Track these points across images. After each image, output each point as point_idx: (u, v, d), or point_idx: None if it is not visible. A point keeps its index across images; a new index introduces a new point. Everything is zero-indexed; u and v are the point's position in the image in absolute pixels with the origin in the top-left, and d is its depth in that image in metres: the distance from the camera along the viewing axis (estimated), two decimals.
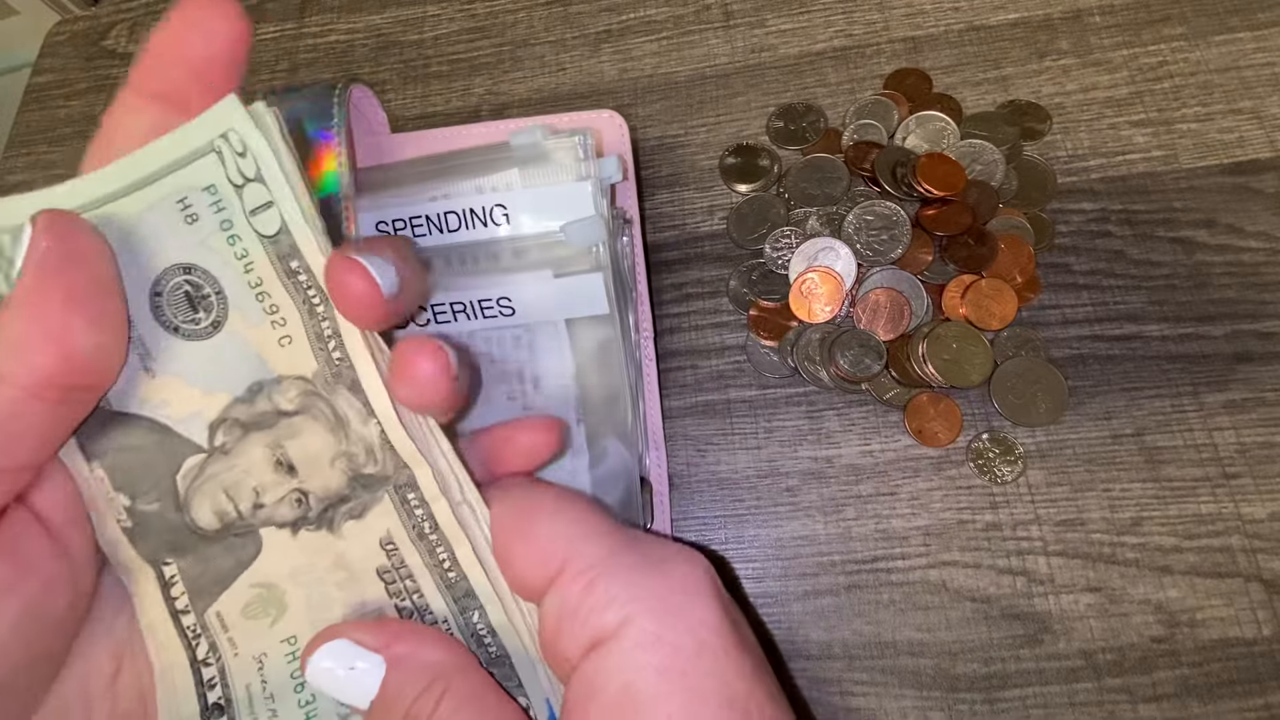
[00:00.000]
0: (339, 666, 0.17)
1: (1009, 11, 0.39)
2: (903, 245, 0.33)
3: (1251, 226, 0.33)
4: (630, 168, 0.32)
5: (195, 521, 0.18)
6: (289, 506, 0.19)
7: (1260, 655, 0.27)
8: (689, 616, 0.17)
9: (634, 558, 0.18)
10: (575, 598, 0.17)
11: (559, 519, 0.19)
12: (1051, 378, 0.31)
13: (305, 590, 0.19)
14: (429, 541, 0.19)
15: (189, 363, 0.18)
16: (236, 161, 0.18)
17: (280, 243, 0.18)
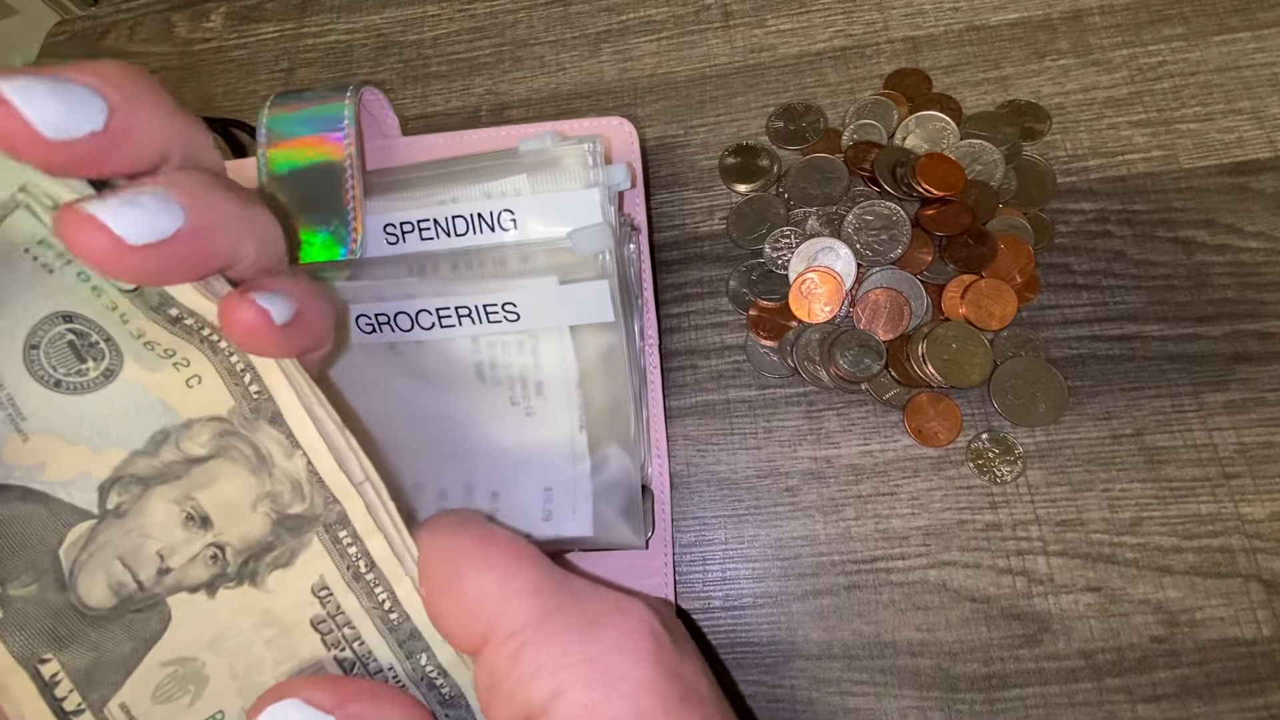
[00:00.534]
0: None
1: (1009, 11, 0.39)
2: (902, 245, 0.33)
3: (1251, 226, 0.33)
4: (639, 175, 0.32)
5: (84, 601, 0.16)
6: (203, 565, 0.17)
7: (1260, 655, 0.27)
8: (624, 682, 0.16)
9: (566, 618, 0.16)
10: (502, 668, 0.16)
11: (486, 574, 0.17)
12: (1051, 378, 0.31)
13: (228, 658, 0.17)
14: (365, 582, 0.17)
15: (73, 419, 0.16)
16: (52, 215, 0.16)
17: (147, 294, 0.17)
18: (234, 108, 0.45)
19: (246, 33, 0.48)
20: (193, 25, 0.49)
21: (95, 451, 0.16)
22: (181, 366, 0.17)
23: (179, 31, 0.49)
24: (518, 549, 0.17)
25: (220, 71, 0.46)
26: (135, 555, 0.16)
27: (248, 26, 0.48)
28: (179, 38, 0.48)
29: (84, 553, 0.16)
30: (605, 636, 0.16)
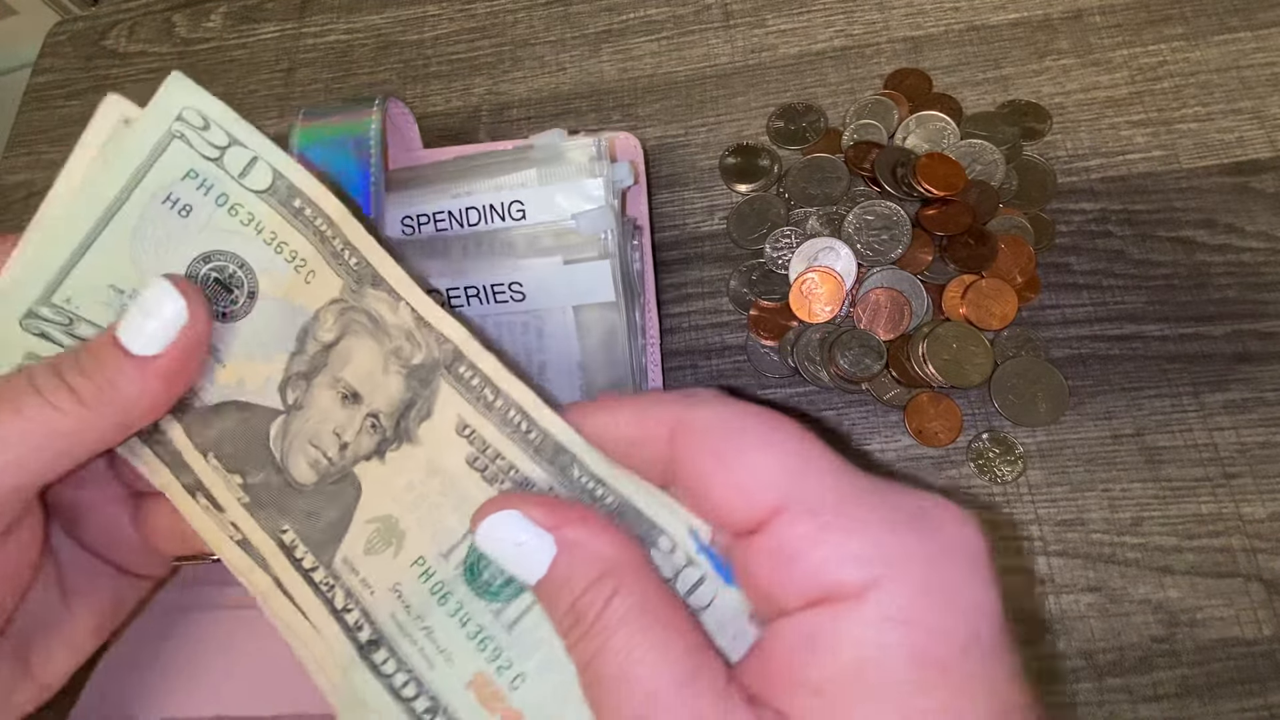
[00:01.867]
0: (507, 539, 0.17)
1: (1009, 11, 0.39)
2: (903, 245, 0.33)
3: (1251, 226, 0.33)
4: (642, 173, 0.33)
5: (295, 479, 0.19)
6: (367, 435, 0.19)
7: (1260, 655, 0.27)
8: (960, 596, 0.14)
9: (879, 504, 0.15)
10: (797, 543, 0.14)
11: (772, 450, 0.15)
12: (1051, 378, 0.31)
13: (414, 511, 0.19)
14: (498, 410, 0.18)
15: (244, 340, 0.20)
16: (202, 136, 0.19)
17: (278, 190, 0.19)
18: (234, 108, 0.45)
19: (246, 33, 0.48)
20: (193, 25, 0.49)
21: (267, 361, 0.20)
22: (300, 266, 0.20)
23: (179, 31, 0.49)
24: (804, 431, 0.16)
25: (220, 71, 0.46)
26: (319, 437, 0.19)
27: (248, 26, 0.48)
28: (179, 38, 0.48)
29: (285, 441, 0.20)
30: (937, 539, 0.14)
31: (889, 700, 0.13)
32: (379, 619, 0.18)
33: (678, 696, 0.14)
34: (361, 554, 0.19)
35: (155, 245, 0.19)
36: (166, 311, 0.18)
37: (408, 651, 0.18)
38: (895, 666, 0.13)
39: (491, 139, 0.41)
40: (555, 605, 0.16)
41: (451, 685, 0.17)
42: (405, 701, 0.18)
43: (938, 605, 0.14)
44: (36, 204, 0.21)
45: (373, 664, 0.18)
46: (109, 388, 0.18)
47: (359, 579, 0.19)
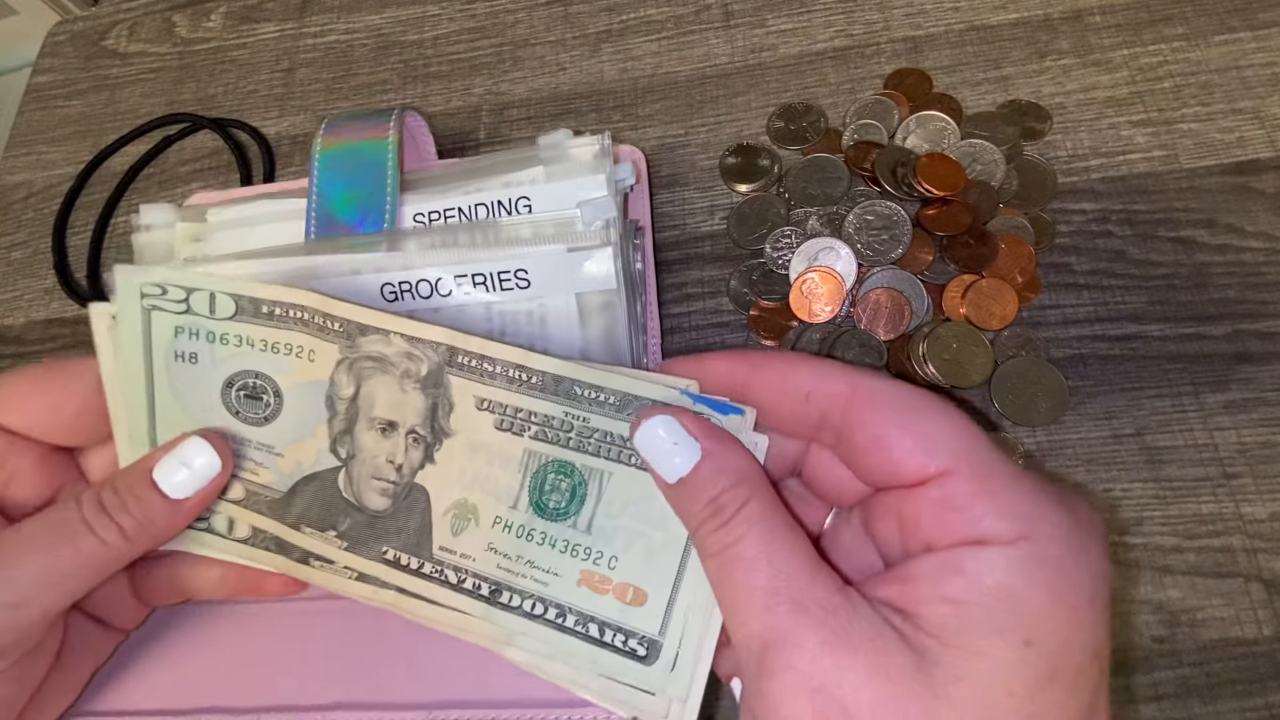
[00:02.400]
0: (665, 438, 0.20)
1: (1009, 11, 0.39)
2: (903, 245, 0.33)
3: (1251, 226, 0.33)
4: (644, 176, 0.34)
5: (374, 510, 0.23)
6: (414, 450, 0.23)
7: (1261, 655, 0.27)
8: (1091, 561, 0.17)
9: (1030, 480, 0.17)
10: (968, 497, 0.17)
11: (947, 419, 0.18)
12: (1051, 378, 0.31)
13: (475, 487, 0.22)
14: (499, 376, 0.22)
15: (287, 430, 0.24)
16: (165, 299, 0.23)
17: (244, 308, 0.23)
18: (234, 108, 0.45)
19: (246, 33, 0.48)
20: (193, 25, 0.49)
21: (312, 437, 0.24)
22: (299, 353, 0.23)
23: (179, 31, 0.49)
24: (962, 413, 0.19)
25: (220, 71, 0.46)
26: (379, 470, 0.23)
27: (248, 26, 0.48)
28: (179, 38, 0.48)
29: (353, 487, 0.23)
30: (1076, 514, 0.17)
31: (1027, 618, 0.16)
32: (490, 574, 0.22)
33: (807, 578, 0.17)
34: (451, 537, 0.23)
35: (189, 394, 0.24)
36: (199, 463, 0.23)
37: (523, 585, 0.22)
38: (1035, 595, 0.16)
39: (491, 139, 0.41)
40: (695, 499, 0.19)
41: (567, 589, 0.21)
42: (539, 618, 0.22)
43: (1075, 562, 0.16)
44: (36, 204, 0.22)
45: (503, 605, 0.22)
46: (148, 524, 0.22)
47: (458, 555, 0.22)
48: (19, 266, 0.43)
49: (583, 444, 0.22)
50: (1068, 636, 0.16)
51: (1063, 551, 0.16)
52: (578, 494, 0.22)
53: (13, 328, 0.41)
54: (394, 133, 0.29)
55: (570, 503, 0.22)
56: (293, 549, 0.24)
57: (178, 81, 0.47)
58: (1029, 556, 0.16)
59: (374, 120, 0.30)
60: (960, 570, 0.16)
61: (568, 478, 0.22)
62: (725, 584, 0.18)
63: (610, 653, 0.21)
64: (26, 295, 0.42)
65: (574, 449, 0.22)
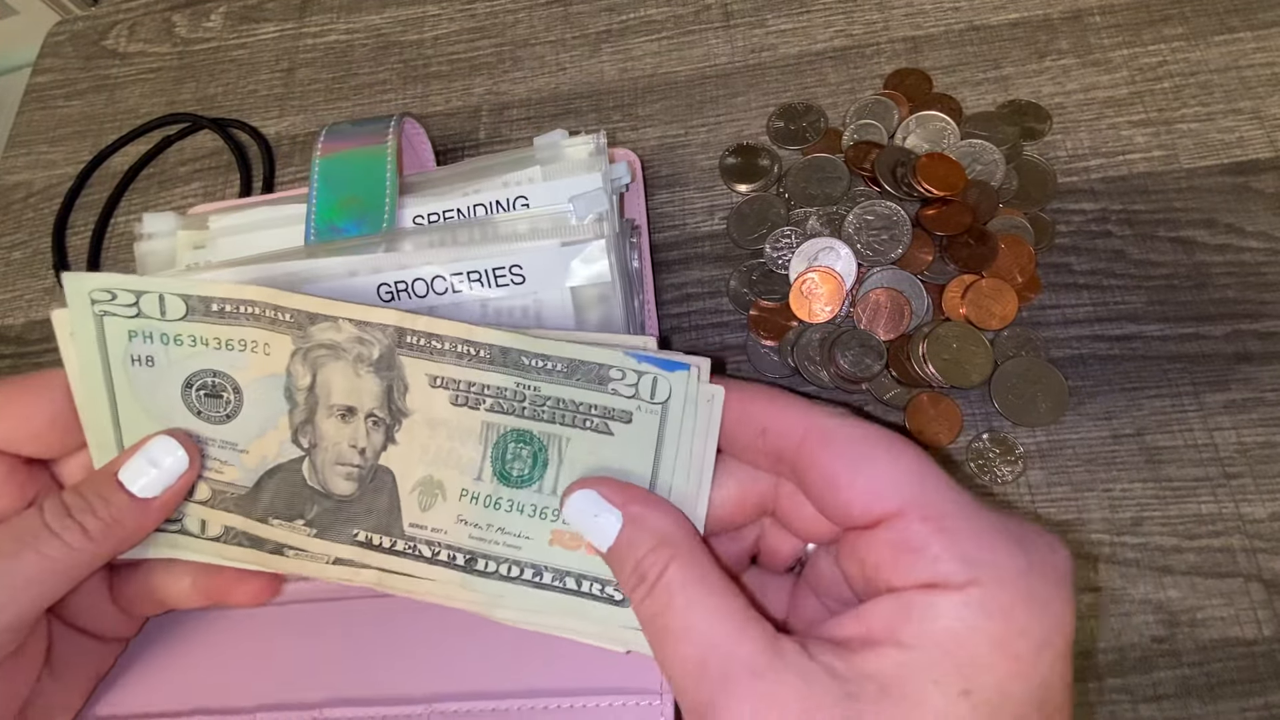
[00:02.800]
0: (586, 511, 0.21)
1: (1009, 11, 0.39)
2: (903, 245, 0.33)
3: (1251, 226, 0.33)
4: (639, 176, 0.35)
5: (340, 494, 0.23)
6: (375, 431, 0.23)
7: (1260, 655, 0.27)
8: (1046, 609, 0.16)
9: (986, 520, 0.17)
10: (921, 538, 0.17)
11: (901, 460, 0.18)
12: (1051, 378, 0.31)
13: (438, 463, 0.23)
14: (448, 352, 0.22)
15: (250, 425, 0.24)
16: (115, 304, 0.23)
17: (195, 308, 0.23)
18: (234, 108, 0.45)
19: (246, 33, 0.48)
20: (193, 25, 0.49)
21: (275, 429, 0.24)
22: (254, 348, 0.23)
23: (179, 31, 0.49)
24: (923, 454, 0.19)
25: (220, 71, 0.46)
26: (343, 455, 0.23)
27: (248, 26, 0.48)
28: (179, 38, 0.48)
29: (318, 475, 0.24)
30: (1033, 558, 0.17)
31: (967, 667, 0.16)
32: (463, 544, 0.23)
33: (733, 642, 0.17)
34: (420, 513, 0.23)
35: (149, 396, 0.24)
36: (166, 462, 0.23)
37: (497, 551, 0.23)
38: (977, 643, 0.16)
39: (491, 139, 0.41)
40: (622, 567, 0.20)
41: (540, 549, 0.22)
42: (518, 579, 0.22)
43: (1025, 609, 0.16)
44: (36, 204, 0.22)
45: (480, 572, 0.23)
46: (114, 525, 0.22)
47: (429, 530, 0.23)
48: (19, 266, 0.43)
49: (538, 412, 0.22)
50: (1006, 687, 0.16)
51: (1011, 598, 0.16)
52: (539, 459, 0.22)
53: (13, 328, 0.41)
54: (392, 140, 0.30)
55: (533, 469, 0.22)
56: (265, 542, 0.24)
57: (178, 81, 0.47)
58: (975, 603, 0.16)
59: (372, 128, 0.30)
60: (910, 613, 0.16)
61: (528, 445, 0.22)
62: (659, 655, 0.18)
63: (591, 601, 0.22)
64: (26, 295, 0.42)
65: (530, 418, 0.22)
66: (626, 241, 0.31)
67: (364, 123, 0.31)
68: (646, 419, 0.22)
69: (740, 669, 0.17)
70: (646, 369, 0.22)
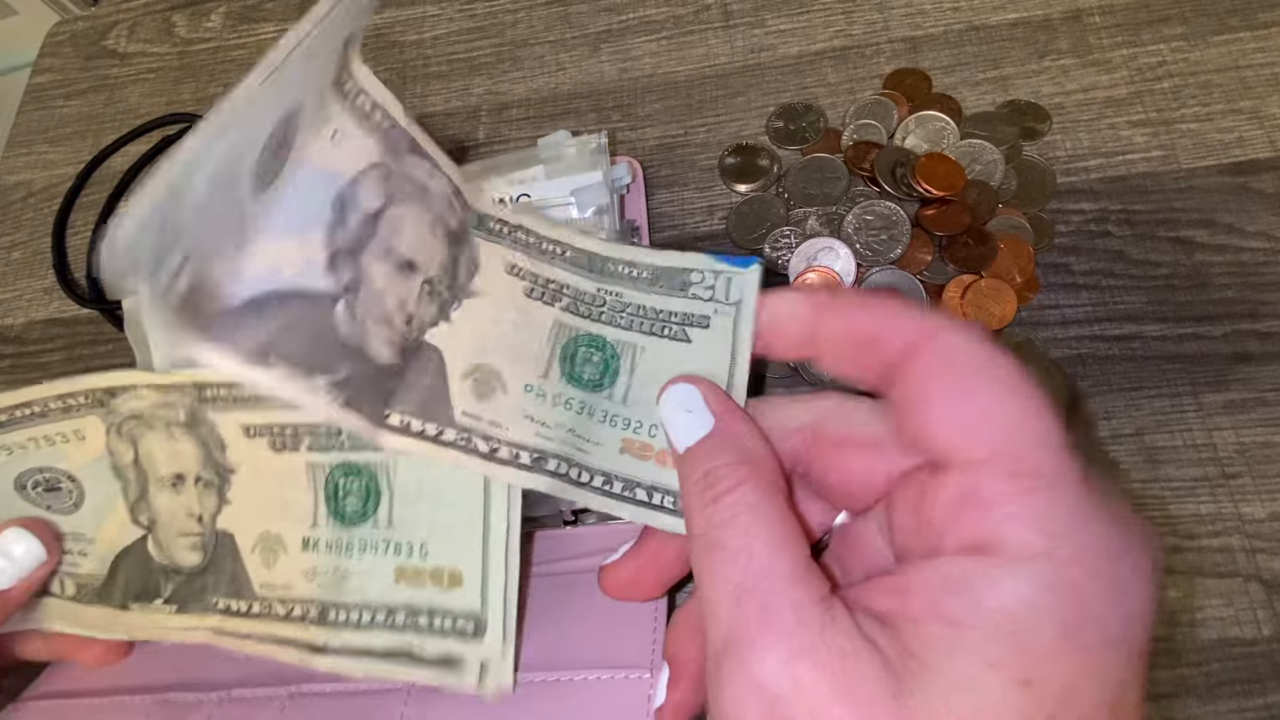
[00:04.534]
0: (679, 406, 0.19)
1: (1009, 11, 0.39)
2: (902, 245, 0.33)
3: (1251, 226, 0.33)
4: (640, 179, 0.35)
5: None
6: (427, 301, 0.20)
7: (1260, 655, 0.27)
8: (1126, 601, 0.14)
9: (1087, 492, 0.15)
10: (995, 494, 0.15)
11: (1014, 400, 0.15)
12: (1051, 378, 0.31)
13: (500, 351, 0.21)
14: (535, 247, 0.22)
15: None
16: None
17: None
18: None
19: (246, 33, 0.48)
20: (193, 25, 0.49)
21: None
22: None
23: (179, 31, 0.49)
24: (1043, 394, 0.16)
25: (220, 71, 0.46)
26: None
27: (248, 26, 0.48)
28: (179, 38, 0.48)
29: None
30: (1123, 543, 0.15)
31: (1027, 653, 0.14)
32: (529, 442, 0.21)
33: (786, 581, 0.15)
34: (477, 402, 0.21)
35: None
36: (18, 552, 0.22)
37: (566, 452, 0.21)
38: (1043, 628, 0.14)
39: (491, 139, 0.41)
40: (694, 470, 0.18)
41: (610, 457, 0.21)
42: (585, 485, 0.20)
43: (1103, 595, 0.14)
44: (36, 204, 0.22)
45: (547, 471, 0.20)
46: None
47: (487, 422, 0.20)
48: (19, 266, 0.43)
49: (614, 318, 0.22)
50: (1075, 682, 0.14)
51: (1089, 580, 0.14)
52: (610, 366, 0.21)
53: (13, 328, 0.41)
54: None
55: (604, 376, 0.21)
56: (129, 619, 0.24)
57: (178, 81, 0.47)
58: (1044, 579, 0.14)
59: None
60: (961, 588, 0.14)
61: (600, 351, 0.22)
62: (702, 571, 0.17)
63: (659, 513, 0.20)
64: (26, 295, 0.42)
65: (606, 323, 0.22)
66: (628, 241, 0.31)
67: None
68: (723, 322, 0.21)
69: (786, 610, 0.15)
70: (725, 268, 0.22)
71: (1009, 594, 0.14)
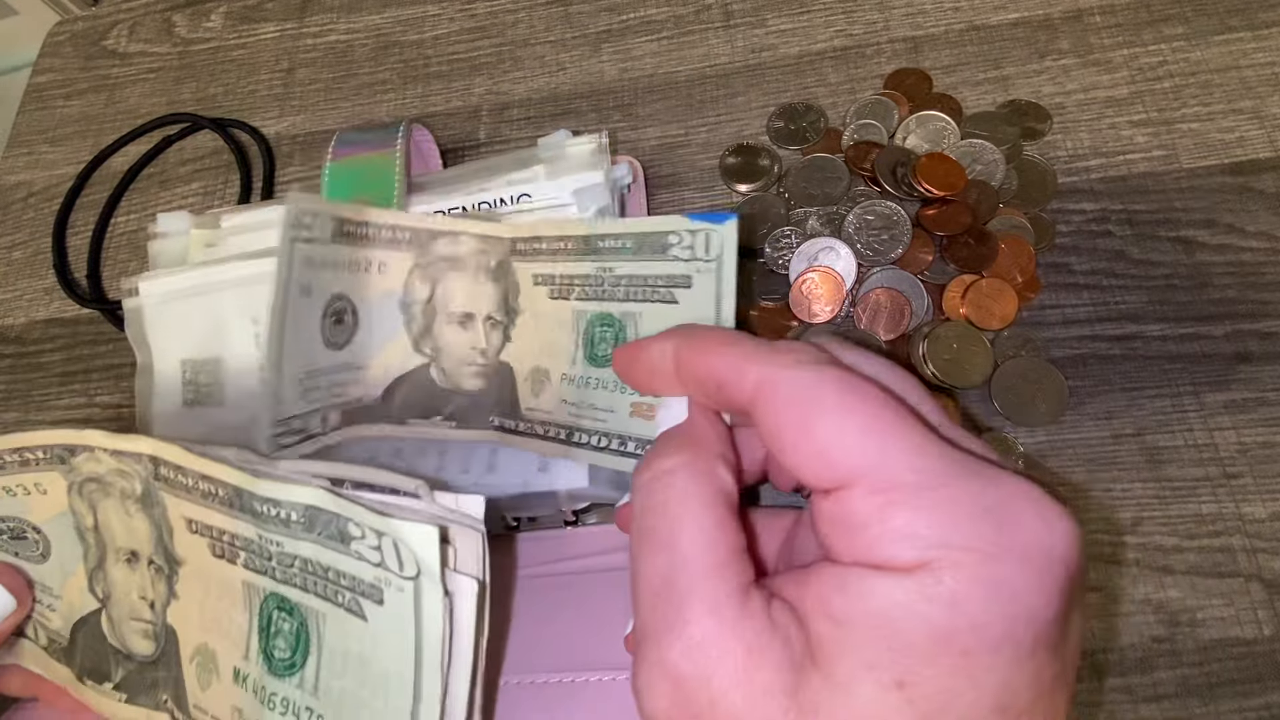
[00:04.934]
0: None
1: (1009, 11, 0.39)
2: (903, 245, 0.33)
3: (1251, 226, 0.33)
4: (641, 178, 0.35)
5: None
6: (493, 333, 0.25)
7: (1260, 655, 0.27)
8: (1014, 600, 0.14)
9: (955, 494, 0.15)
10: (864, 516, 0.15)
11: (850, 421, 0.16)
12: (1051, 378, 0.31)
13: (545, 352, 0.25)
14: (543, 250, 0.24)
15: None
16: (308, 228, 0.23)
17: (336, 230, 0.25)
18: (234, 108, 0.45)
19: (246, 33, 0.48)
20: (193, 25, 0.49)
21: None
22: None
23: (179, 31, 0.49)
24: (890, 404, 0.16)
25: (220, 71, 0.46)
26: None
27: (248, 26, 0.48)
28: (179, 38, 0.48)
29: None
30: (1012, 538, 0.14)
31: (901, 656, 0.14)
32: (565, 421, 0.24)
33: (705, 571, 0.16)
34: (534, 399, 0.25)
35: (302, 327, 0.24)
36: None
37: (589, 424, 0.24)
38: (914, 631, 0.14)
39: (491, 139, 0.41)
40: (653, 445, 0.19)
41: (623, 421, 0.23)
42: (605, 449, 0.24)
43: (983, 599, 0.14)
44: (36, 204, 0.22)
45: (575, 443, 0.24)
46: None
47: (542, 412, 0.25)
48: (19, 266, 0.43)
49: (613, 292, 0.24)
50: (950, 685, 0.14)
51: (965, 584, 0.14)
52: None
53: (13, 328, 0.41)
54: (401, 147, 0.30)
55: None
56: None
57: (178, 81, 0.47)
58: (919, 587, 0.14)
59: (382, 136, 0.31)
60: (846, 587, 0.15)
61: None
62: (634, 554, 0.17)
63: None
64: (26, 295, 0.42)
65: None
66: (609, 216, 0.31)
67: (373, 130, 0.32)
68: (705, 280, 0.22)
69: (701, 601, 0.15)
70: (699, 226, 0.23)
71: (884, 597, 0.14)
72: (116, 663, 0.22)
